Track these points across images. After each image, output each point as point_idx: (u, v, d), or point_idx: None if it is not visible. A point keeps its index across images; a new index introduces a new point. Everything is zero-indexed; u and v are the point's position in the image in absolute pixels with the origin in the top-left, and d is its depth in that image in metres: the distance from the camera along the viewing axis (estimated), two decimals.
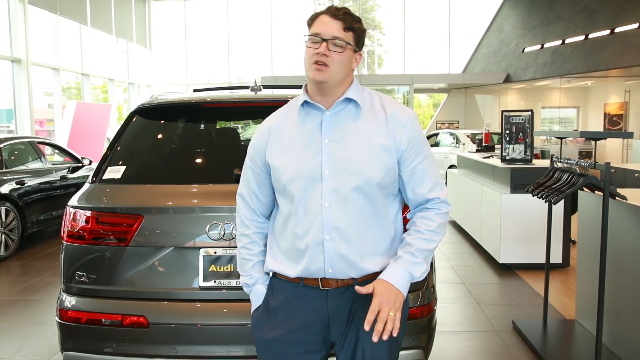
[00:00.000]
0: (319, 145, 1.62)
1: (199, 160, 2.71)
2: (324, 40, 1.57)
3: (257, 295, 1.74)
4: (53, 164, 7.47)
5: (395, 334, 1.51)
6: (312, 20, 1.63)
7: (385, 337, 1.50)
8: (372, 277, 1.65)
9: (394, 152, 1.63)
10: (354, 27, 1.60)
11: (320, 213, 1.59)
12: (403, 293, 1.56)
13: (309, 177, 1.59)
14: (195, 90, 3.28)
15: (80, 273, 2.33)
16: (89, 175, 8.11)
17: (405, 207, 1.76)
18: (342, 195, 1.58)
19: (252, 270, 1.76)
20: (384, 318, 1.49)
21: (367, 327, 1.49)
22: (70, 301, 2.35)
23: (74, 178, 7.43)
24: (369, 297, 1.65)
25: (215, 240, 2.26)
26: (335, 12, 1.59)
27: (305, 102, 1.66)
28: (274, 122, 1.71)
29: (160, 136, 2.80)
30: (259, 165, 1.71)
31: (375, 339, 1.49)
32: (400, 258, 1.60)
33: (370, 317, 1.49)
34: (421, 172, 1.65)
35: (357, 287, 1.55)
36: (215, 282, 2.27)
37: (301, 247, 1.62)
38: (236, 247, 2.26)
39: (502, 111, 5.61)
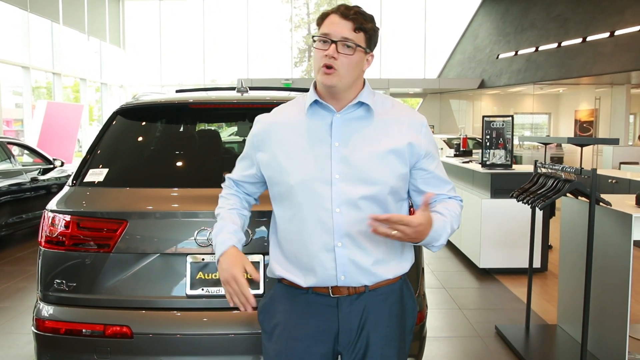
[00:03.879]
0: (328, 148, 1.55)
1: (186, 163, 2.61)
2: (333, 41, 1.51)
3: (222, 242, 1.60)
4: (23, 165, 7.24)
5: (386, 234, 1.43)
6: (321, 20, 1.55)
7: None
8: (385, 283, 1.60)
9: (406, 158, 1.57)
10: (365, 27, 1.53)
11: (330, 219, 1.52)
12: (424, 239, 1.48)
13: (318, 180, 1.53)
14: (177, 91, 3.18)
15: (59, 281, 2.22)
16: (60, 177, 7.82)
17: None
18: (353, 202, 1.52)
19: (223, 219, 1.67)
20: (399, 232, 1.42)
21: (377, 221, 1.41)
22: (47, 310, 2.23)
23: (44, 180, 7.21)
24: (380, 306, 1.61)
25: (203, 246, 2.17)
26: (345, 12, 1.52)
27: (315, 102, 1.58)
28: (277, 120, 1.63)
29: (144, 138, 2.70)
30: (254, 160, 1.66)
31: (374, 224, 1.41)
32: (445, 217, 1.55)
33: (401, 218, 1.41)
34: (438, 176, 1.64)
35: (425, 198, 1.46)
36: (203, 290, 2.19)
37: (311, 254, 1.55)
38: None
39: (483, 116, 5.64)
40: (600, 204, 3.22)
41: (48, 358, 2.22)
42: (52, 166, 7.49)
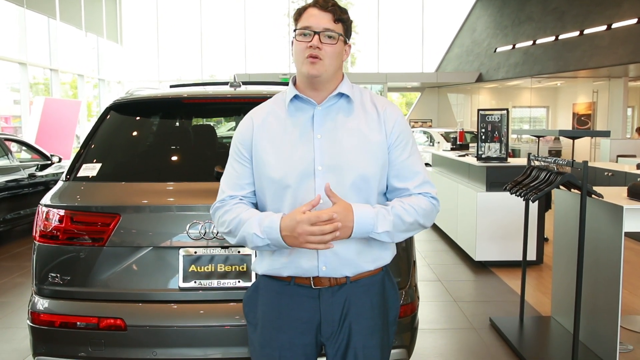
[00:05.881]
0: (310, 140, 1.57)
1: (178, 158, 2.64)
2: (315, 33, 1.54)
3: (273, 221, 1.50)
4: (21, 162, 7.25)
5: (322, 248, 1.44)
6: (299, 14, 1.59)
7: (319, 247, 1.43)
8: (366, 275, 1.63)
9: (385, 148, 1.61)
10: (343, 18, 1.58)
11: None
12: (353, 228, 1.48)
13: (302, 173, 1.55)
14: (171, 86, 3.20)
15: (53, 274, 2.25)
16: (58, 173, 7.86)
17: None
18: (336, 191, 1.54)
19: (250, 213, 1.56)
20: (328, 230, 1.42)
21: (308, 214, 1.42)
22: (42, 304, 2.26)
23: (42, 176, 7.23)
24: (362, 298, 1.62)
25: (195, 239, 2.20)
26: (323, 4, 1.56)
27: (295, 97, 1.61)
28: (260, 117, 1.65)
29: (137, 133, 2.72)
30: (247, 158, 1.64)
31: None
32: (375, 207, 1.54)
33: (321, 215, 1.42)
34: (409, 167, 1.63)
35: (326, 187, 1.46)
36: (195, 282, 2.21)
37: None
38: (217, 246, 2.23)
39: (478, 110, 5.66)
40: (592, 196, 3.24)
41: (43, 350, 2.24)
42: (49, 162, 7.51)
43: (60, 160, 7.68)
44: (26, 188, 6.90)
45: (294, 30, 1.59)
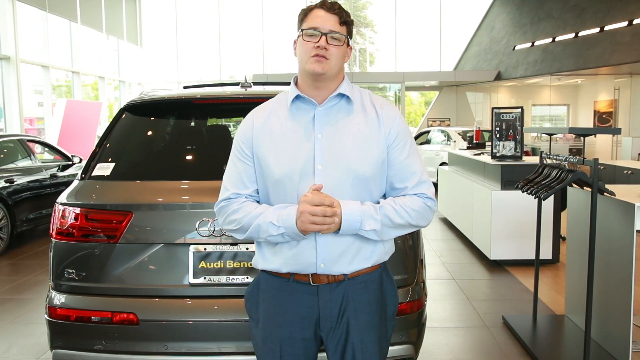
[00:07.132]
0: (311, 140, 1.61)
1: (188, 157, 2.71)
2: (322, 34, 1.58)
3: (289, 213, 1.55)
4: (43, 162, 7.43)
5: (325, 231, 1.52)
6: (305, 15, 1.63)
7: (323, 229, 1.51)
8: (364, 272, 1.66)
9: (385, 147, 1.64)
10: (347, 21, 1.63)
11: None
12: (341, 223, 1.53)
13: (302, 171, 1.59)
14: (185, 87, 3.27)
15: (69, 270, 2.32)
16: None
17: None
18: (335, 190, 1.58)
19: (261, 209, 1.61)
20: (330, 213, 1.50)
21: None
22: (59, 299, 2.34)
23: (64, 176, 7.39)
24: (360, 294, 1.66)
25: (205, 236, 2.26)
26: (330, 7, 1.61)
27: (297, 97, 1.65)
28: (261, 116, 1.69)
29: (150, 133, 2.79)
30: (249, 156, 1.67)
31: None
32: (364, 204, 1.58)
33: (324, 199, 1.50)
34: (408, 167, 1.65)
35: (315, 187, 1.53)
36: (205, 278, 2.27)
37: (292, 242, 1.60)
38: (226, 243, 2.28)
39: (493, 108, 5.65)
40: (605, 194, 3.22)
41: (60, 344, 2.32)
42: (71, 163, 7.68)
43: (80, 160, 7.85)
44: (48, 188, 7.07)
45: (301, 30, 1.63)
